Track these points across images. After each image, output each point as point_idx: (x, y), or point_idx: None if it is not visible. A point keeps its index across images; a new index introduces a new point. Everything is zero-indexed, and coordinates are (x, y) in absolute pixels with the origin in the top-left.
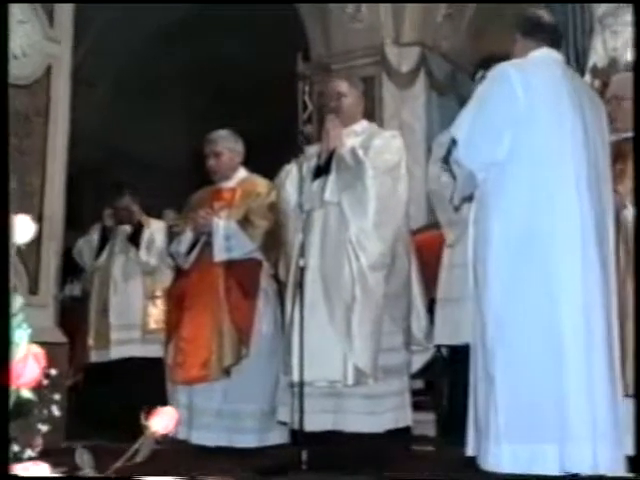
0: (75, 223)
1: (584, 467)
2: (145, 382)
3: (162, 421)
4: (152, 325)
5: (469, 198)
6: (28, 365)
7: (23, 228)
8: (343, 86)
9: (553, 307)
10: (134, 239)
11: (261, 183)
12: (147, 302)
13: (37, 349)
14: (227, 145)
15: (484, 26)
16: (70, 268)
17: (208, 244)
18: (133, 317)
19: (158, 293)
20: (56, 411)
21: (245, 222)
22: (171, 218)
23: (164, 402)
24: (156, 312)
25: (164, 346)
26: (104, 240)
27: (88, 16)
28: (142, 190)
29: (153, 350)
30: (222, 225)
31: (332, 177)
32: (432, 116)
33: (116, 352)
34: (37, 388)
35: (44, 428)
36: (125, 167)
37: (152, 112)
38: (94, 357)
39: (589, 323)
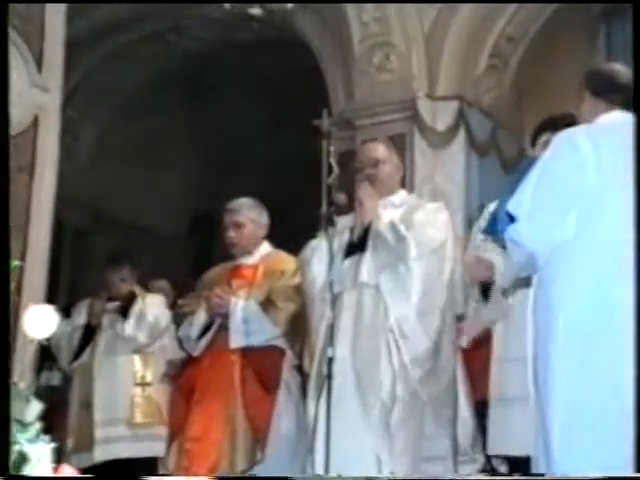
0: (52, 295)
1: None
2: None
3: None
4: (139, 418)
5: (524, 282)
6: None
7: (45, 320)
8: (380, 151)
9: (625, 410)
10: (123, 311)
11: (287, 260)
12: (135, 390)
13: (70, 469)
14: (250, 215)
15: (531, 79)
16: (48, 351)
17: (223, 328)
18: (119, 408)
19: (149, 379)
20: None
21: (267, 304)
22: (163, 290)
23: None
24: (145, 403)
25: (166, 447)
26: (87, 337)
27: (73, 59)
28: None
29: (142, 449)
30: (241, 306)
31: (368, 255)
32: (471, 181)
33: (101, 453)
34: None
35: None
36: (110, 231)
37: (143, 171)
38: (75, 462)
39: None
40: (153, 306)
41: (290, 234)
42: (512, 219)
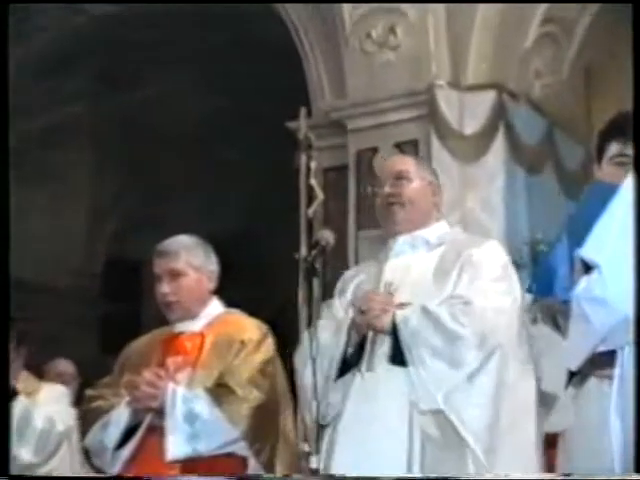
0: None
1: None
2: None
3: None
4: None
5: (603, 363)
6: None
7: None
8: (407, 163)
9: None
10: None
11: (247, 325)
12: None
13: None
14: (193, 261)
15: (606, 56)
16: None
17: (156, 431)
18: None
19: None
20: None
21: (221, 391)
22: (63, 375)
23: None
24: None
25: None
26: None
27: None
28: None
29: None
30: (181, 397)
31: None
32: (516, 207)
33: None
34: None
35: None
36: None
37: (29, 197)
38: None
39: None
40: (46, 403)
41: (250, 286)
42: (587, 268)
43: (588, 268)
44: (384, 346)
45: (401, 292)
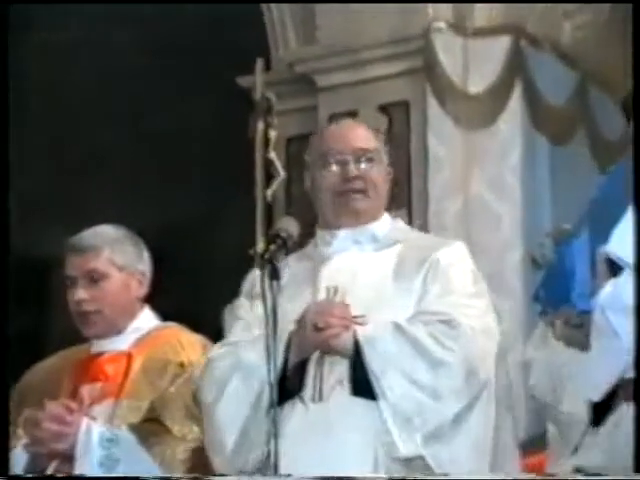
0: None
1: None
2: None
3: None
4: None
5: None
6: None
7: None
8: (369, 137)
9: None
10: None
11: (187, 342)
12: None
13: None
14: (119, 259)
15: None
16: None
17: None
18: None
19: None
20: None
21: (151, 428)
22: None
23: None
24: None
25: None
26: None
27: None
28: None
29: None
30: (98, 436)
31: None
32: (536, 186)
33: None
34: None
35: None
36: None
37: None
38: None
39: None
40: None
41: (193, 292)
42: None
43: (614, 269)
44: (337, 369)
45: (348, 302)
